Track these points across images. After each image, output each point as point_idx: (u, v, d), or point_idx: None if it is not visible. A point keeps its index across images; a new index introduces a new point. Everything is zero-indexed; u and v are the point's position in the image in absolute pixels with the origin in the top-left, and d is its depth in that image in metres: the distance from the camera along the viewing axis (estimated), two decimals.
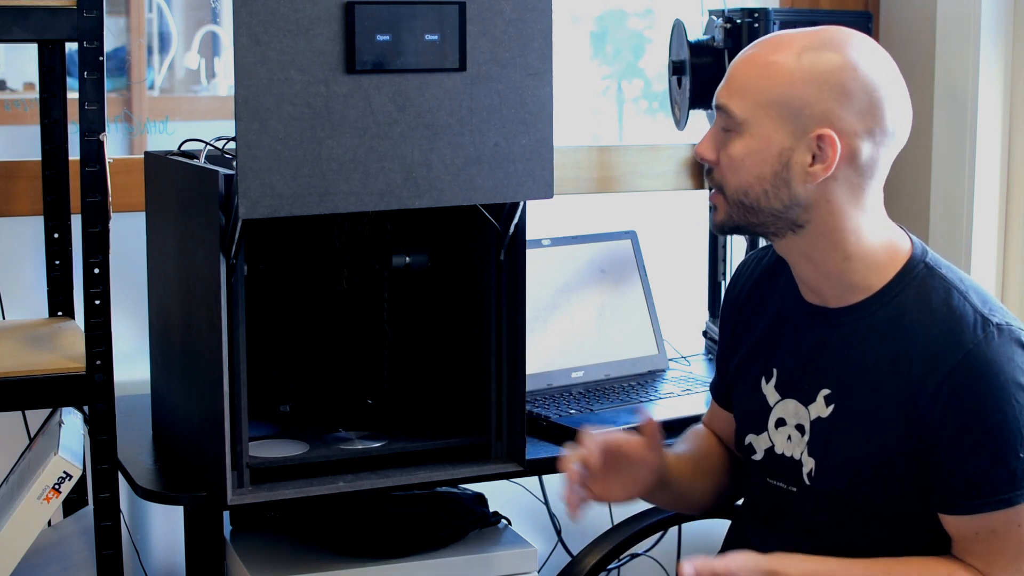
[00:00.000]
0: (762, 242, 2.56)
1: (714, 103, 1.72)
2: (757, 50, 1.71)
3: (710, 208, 1.76)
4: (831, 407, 1.72)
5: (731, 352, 1.91)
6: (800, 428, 1.76)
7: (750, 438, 1.84)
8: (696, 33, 2.63)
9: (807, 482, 1.75)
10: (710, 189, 1.76)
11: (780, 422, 1.79)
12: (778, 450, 1.79)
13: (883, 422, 1.67)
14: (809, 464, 1.74)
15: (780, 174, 1.67)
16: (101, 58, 1.84)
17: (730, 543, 1.96)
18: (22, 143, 2.42)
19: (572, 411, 2.21)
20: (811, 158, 1.65)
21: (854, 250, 1.70)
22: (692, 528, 2.62)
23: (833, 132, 1.64)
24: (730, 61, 2.51)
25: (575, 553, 2.35)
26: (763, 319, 1.85)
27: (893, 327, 1.68)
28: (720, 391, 1.97)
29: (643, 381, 2.43)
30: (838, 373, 1.72)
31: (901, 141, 1.70)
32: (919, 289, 1.69)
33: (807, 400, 1.75)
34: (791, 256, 1.75)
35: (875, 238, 1.71)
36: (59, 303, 2.28)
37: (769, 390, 1.81)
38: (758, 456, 1.82)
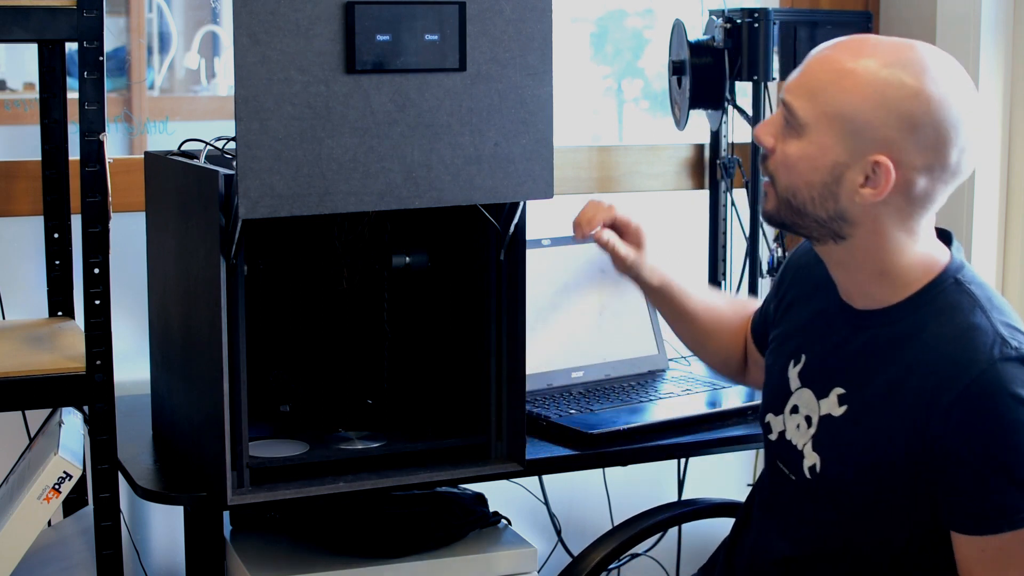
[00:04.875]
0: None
1: (781, 93, 1.69)
2: (837, 53, 1.65)
3: (762, 194, 1.75)
4: (844, 407, 1.72)
5: (777, 304, 1.91)
6: (808, 420, 1.76)
7: (769, 416, 1.84)
8: (696, 33, 2.63)
9: (807, 475, 1.75)
10: (764, 176, 1.74)
11: (794, 409, 1.79)
12: (788, 436, 1.80)
13: (893, 431, 1.66)
14: (812, 458, 1.75)
15: (829, 186, 1.64)
16: (101, 58, 1.84)
17: (737, 530, 1.96)
18: (22, 143, 2.42)
19: (572, 411, 2.21)
20: (863, 179, 1.63)
21: (891, 267, 1.69)
22: (692, 528, 2.63)
23: (891, 162, 1.61)
24: (730, 61, 2.53)
25: (575, 553, 2.36)
26: (809, 302, 1.84)
27: (912, 339, 1.67)
28: (759, 331, 1.99)
29: (643, 381, 2.43)
30: (854, 375, 1.72)
31: (964, 176, 1.66)
32: (944, 303, 1.67)
33: (820, 394, 1.75)
34: (828, 261, 1.75)
35: (915, 256, 1.69)
36: (59, 303, 2.28)
37: (793, 375, 1.81)
38: (773, 436, 1.83)
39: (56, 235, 2.26)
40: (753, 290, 2.56)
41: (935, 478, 1.63)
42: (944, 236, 1.75)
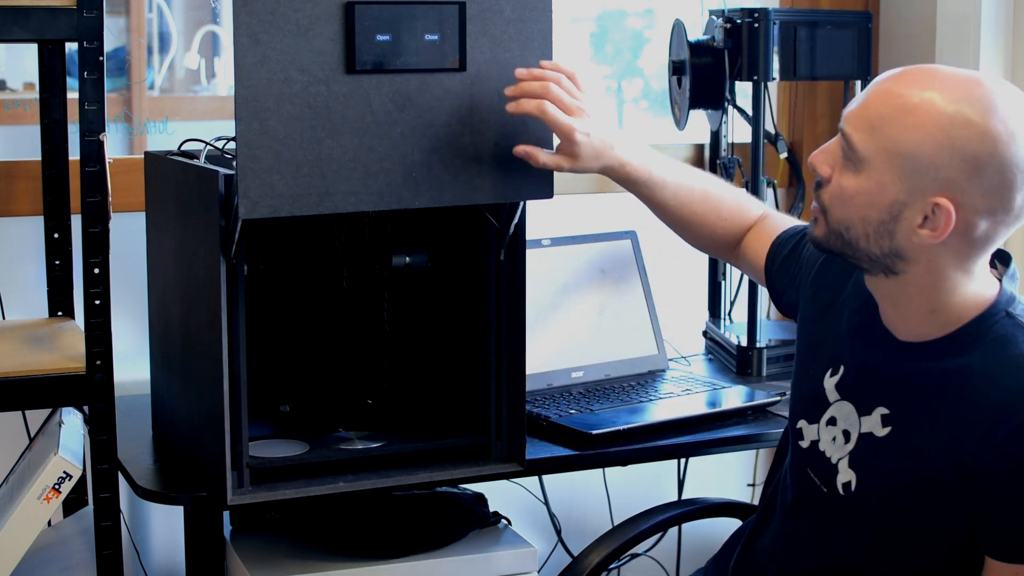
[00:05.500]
0: None
1: (840, 124, 1.63)
2: (900, 86, 1.59)
3: (812, 219, 1.70)
4: (888, 428, 1.69)
5: (814, 294, 1.85)
6: (846, 434, 1.73)
7: (802, 423, 1.81)
8: (696, 33, 2.63)
9: (840, 491, 1.73)
10: (814, 203, 1.69)
11: (831, 421, 1.76)
12: (821, 447, 1.77)
13: (939, 459, 1.63)
14: (848, 475, 1.72)
15: (886, 224, 1.60)
16: (101, 58, 1.84)
17: (756, 530, 1.94)
18: (22, 143, 2.42)
19: (572, 411, 2.21)
20: (922, 219, 1.58)
21: (942, 305, 1.64)
22: (692, 528, 2.63)
23: (952, 204, 1.56)
24: (730, 61, 2.53)
25: (575, 553, 2.36)
26: (846, 309, 1.79)
27: (964, 371, 1.63)
28: (777, 270, 1.97)
29: (643, 381, 2.43)
30: (899, 398, 1.69)
31: None
32: (996, 336, 1.63)
33: (863, 411, 1.72)
34: (876, 292, 1.70)
35: (967, 294, 1.64)
36: (59, 303, 2.28)
37: (830, 386, 1.77)
38: (804, 444, 1.80)
39: (56, 235, 2.26)
40: (753, 290, 2.56)
41: (981, 506, 1.61)
42: (1001, 256, 1.70)
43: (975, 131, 1.54)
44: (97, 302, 1.90)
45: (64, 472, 1.91)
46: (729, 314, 2.74)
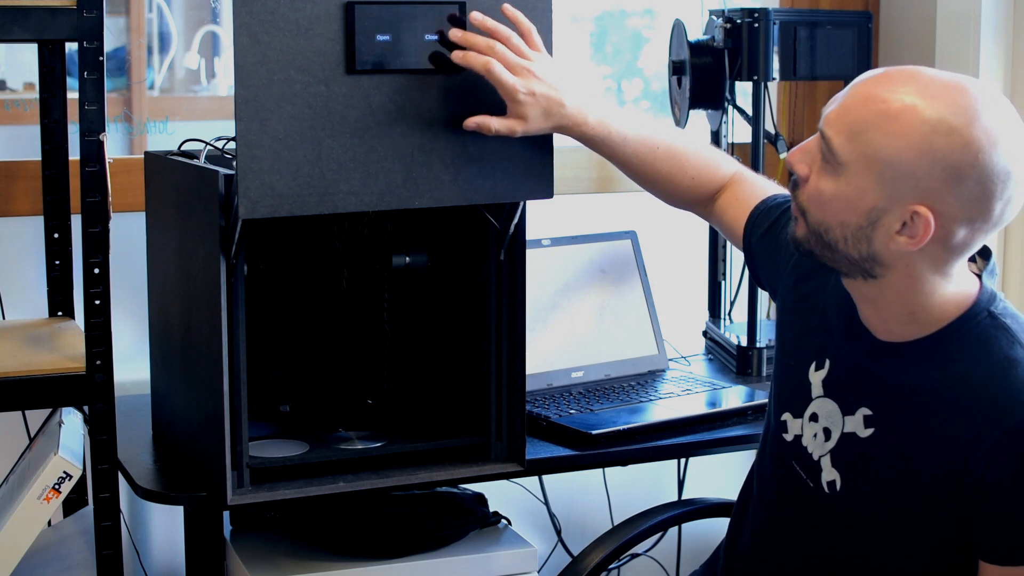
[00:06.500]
0: None
1: (820, 124, 1.61)
2: (883, 91, 1.56)
3: (792, 219, 1.69)
4: (871, 430, 1.68)
5: (796, 280, 1.83)
6: (827, 432, 1.73)
7: (786, 416, 1.80)
8: (696, 33, 2.63)
9: (825, 489, 1.73)
10: (793, 202, 1.67)
11: (813, 417, 1.76)
12: (804, 442, 1.77)
13: (925, 463, 1.63)
14: (832, 474, 1.72)
15: (864, 229, 1.58)
16: (101, 58, 1.84)
17: (737, 521, 1.94)
18: (22, 143, 2.42)
19: (572, 411, 2.21)
20: (900, 225, 1.56)
21: (920, 308, 1.63)
22: (692, 528, 2.63)
23: (931, 213, 1.54)
24: (730, 61, 2.53)
25: (575, 553, 2.36)
26: (829, 301, 1.77)
27: (947, 374, 1.62)
28: (749, 225, 1.94)
29: (643, 381, 2.43)
30: (882, 400, 1.68)
31: (1004, 224, 1.59)
32: (979, 339, 1.62)
33: (847, 410, 1.71)
34: (855, 294, 1.69)
35: (946, 295, 1.63)
36: (59, 303, 2.28)
37: (816, 380, 1.76)
38: (789, 437, 1.79)
39: (56, 235, 2.26)
40: (753, 290, 2.56)
41: (972, 510, 1.60)
42: (981, 250, 1.68)
43: (957, 140, 1.52)
44: (97, 302, 1.90)
45: (64, 472, 1.91)
46: (729, 314, 2.74)
